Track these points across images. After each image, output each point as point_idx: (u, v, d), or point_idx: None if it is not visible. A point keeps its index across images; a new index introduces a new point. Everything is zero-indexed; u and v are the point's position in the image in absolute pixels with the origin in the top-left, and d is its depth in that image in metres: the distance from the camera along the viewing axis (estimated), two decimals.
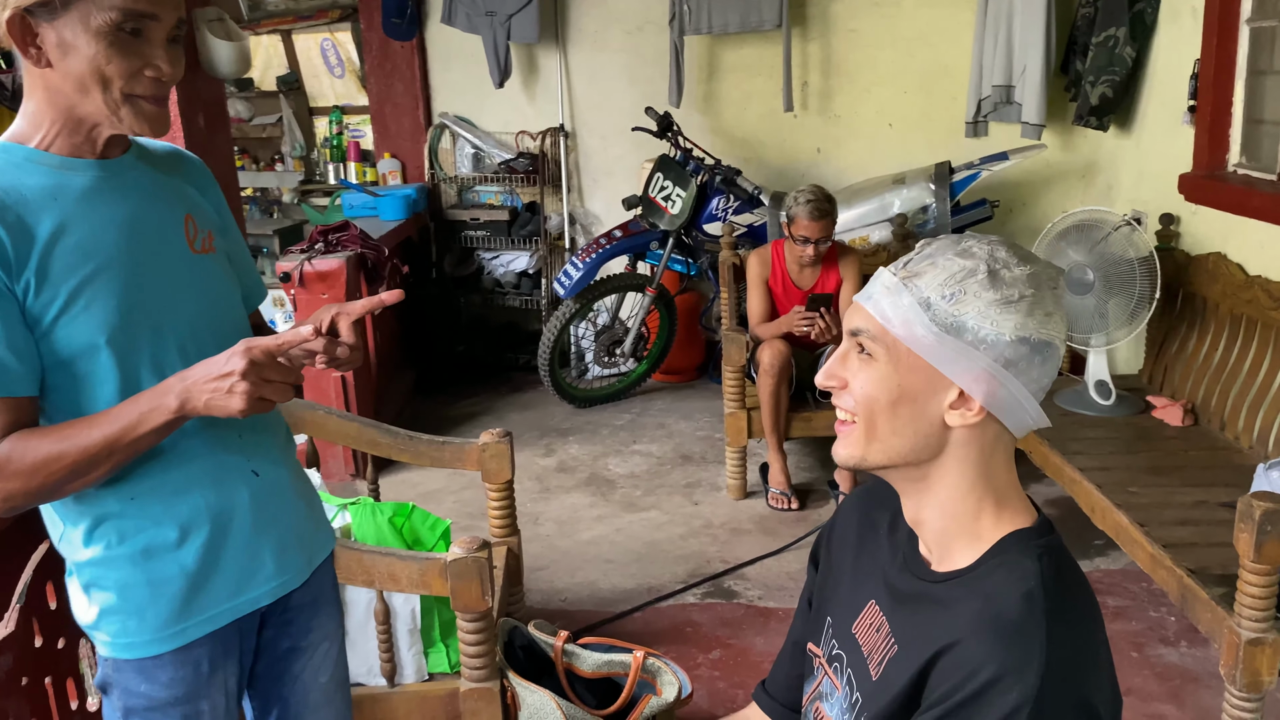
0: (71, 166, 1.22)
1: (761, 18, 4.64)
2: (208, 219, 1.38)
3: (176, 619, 1.31)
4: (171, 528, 1.29)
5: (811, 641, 1.21)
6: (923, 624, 1.00)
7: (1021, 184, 4.83)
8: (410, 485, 3.85)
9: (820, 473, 3.89)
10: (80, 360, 1.21)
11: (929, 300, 0.97)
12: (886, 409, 0.99)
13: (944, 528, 1.02)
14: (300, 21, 5.97)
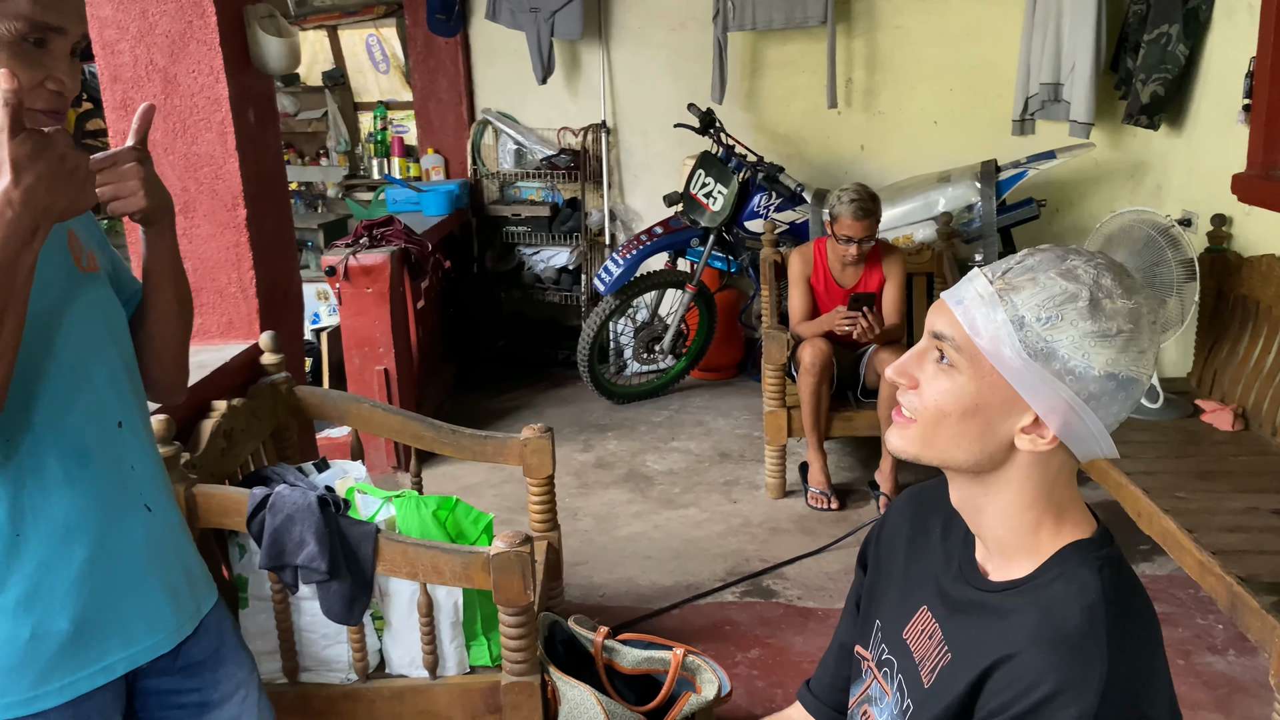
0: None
1: (806, 14, 4.62)
2: (89, 237, 1.32)
3: (67, 670, 1.21)
4: (58, 571, 1.19)
5: (860, 644, 1.20)
6: (978, 633, 0.99)
7: (1068, 183, 4.76)
8: (451, 478, 3.88)
9: (861, 473, 3.87)
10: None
11: (1023, 319, 0.92)
12: (955, 421, 0.97)
13: (1001, 537, 1.01)
14: (346, 17, 6.03)
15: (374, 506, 2.22)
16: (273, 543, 1.98)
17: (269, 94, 2.77)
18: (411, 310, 4.28)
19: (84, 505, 1.22)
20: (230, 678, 1.43)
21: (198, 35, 2.49)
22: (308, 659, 2.16)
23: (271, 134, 2.78)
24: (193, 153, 2.53)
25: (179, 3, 2.47)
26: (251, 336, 2.60)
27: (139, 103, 2.51)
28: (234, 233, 2.57)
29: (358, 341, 3.91)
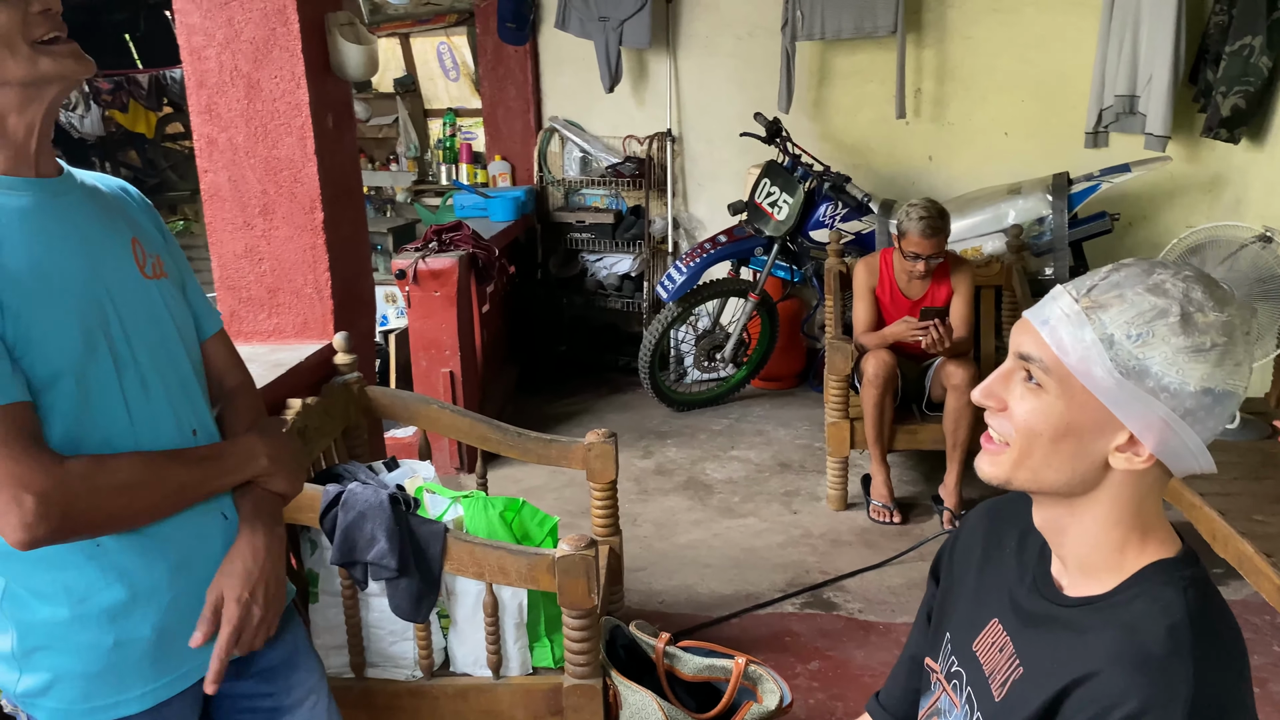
0: (10, 186, 1.15)
1: (876, 23, 4.59)
2: (154, 243, 1.32)
3: (148, 678, 1.23)
4: (143, 581, 1.21)
5: (929, 656, 1.19)
6: (1052, 649, 0.97)
7: (1143, 196, 4.66)
8: (512, 481, 3.91)
9: (924, 487, 3.82)
10: (44, 389, 1.13)
11: (1113, 338, 0.90)
12: (1047, 443, 0.95)
13: (1085, 555, 0.99)
14: (418, 25, 6.14)
15: (442, 506, 2.26)
16: (344, 539, 2.02)
17: (347, 100, 2.83)
18: (477, 314, 4.33)
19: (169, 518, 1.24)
20: (302, 684, 1.45)
21: (281, 42, 2.56)
22: (374, 655, 2.20)
23: (348, 139, 2.84)
24: (273, 156, 2.60)
25: (264, 10, 2.54)
26: (326, 337, 2.66)
27: (224, 107, 2.59)
28: (311, 235, 2.63)
29: (425, 344, 3.98)
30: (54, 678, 1.20)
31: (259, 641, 1.29)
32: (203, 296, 1.42)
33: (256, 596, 1.28)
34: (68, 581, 1.18)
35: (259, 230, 2.64)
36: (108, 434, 1.18)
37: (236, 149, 2.61)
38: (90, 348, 1.16)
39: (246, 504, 1.34)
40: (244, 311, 2.69)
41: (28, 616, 1.18)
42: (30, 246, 1.13)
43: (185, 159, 7.93)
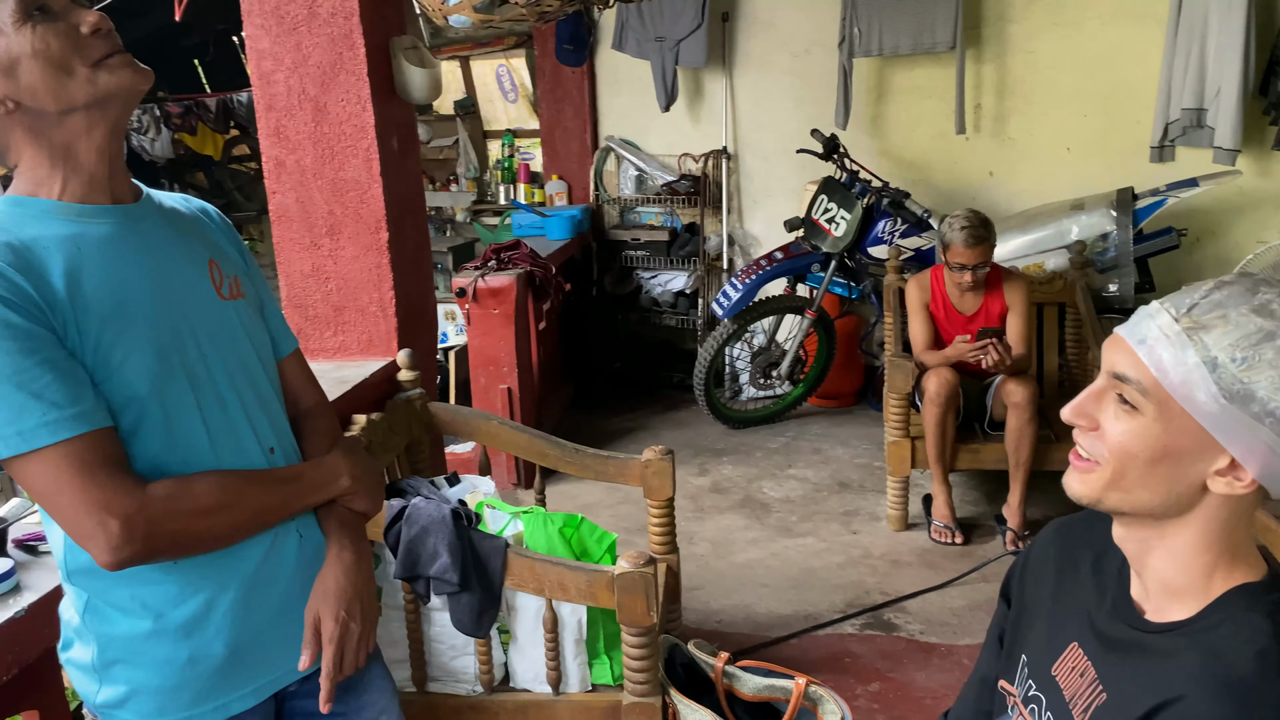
0: (89, 214, 1.18)
1: (935, 39, 4.56)
2: (232, 264, 1.34)
3: (221, 692, 1.25)
4: (218, 597, 1.23)
5: (1004, 679, 1.17)
6: (1136, 674, 0.95)
7: (1211, 211, 4.56)
8: (568, 497, 3.93)
9: (987, 507, 3.76)
10: (125, 413, 1.15)
11: (1216, 360, 0.88)
12: (1143, 465, 0.93)
13: (1171, 578, 0.97)
14: (478, 48, 6.24)
15: (502, 521, 2.28)
16: (408, 553, 2.05)
17: (411, 122, 2.89)
18: (534, 331, 4.37)
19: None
20: (373, 705, 1.45)
21: (347, 66, 2.61)
22: (436, 669, 2.22)
23: (412, 160, 2.90)
24: (340, 178, 2.66)
25: (330, 35, 2.60)
26: (389, 354, 2.71)
27: (292, 130, 2.66)
28: (376, 254, 2.68)
29: (484, 360, 4.02)
30: (131, 690, 1.22)
31: (361, 659, 1.32)
32: (280, 316, 1.45)
33: (354, 614, 1.30)
34: (146, 597, 1.20)
35: (325, 250, 2.70)
36: (187, 455, 1.20)
37: (304, 170, 2.67)
38: (167, 371, 1.18)
39: (331, 523, 1.36)
40: (310, 329, 2.75)
41: (108, 630, 1.21)
42: (109, 273, 1.16)
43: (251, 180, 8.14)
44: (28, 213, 1.15)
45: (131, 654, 1.21)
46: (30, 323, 1.07)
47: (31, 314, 1.08)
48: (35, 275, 1.10)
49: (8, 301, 1.07)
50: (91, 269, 1.14)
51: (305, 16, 2.57)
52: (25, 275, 1.09)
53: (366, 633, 1.32)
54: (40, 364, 1.07)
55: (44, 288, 1.10)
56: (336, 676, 1.28)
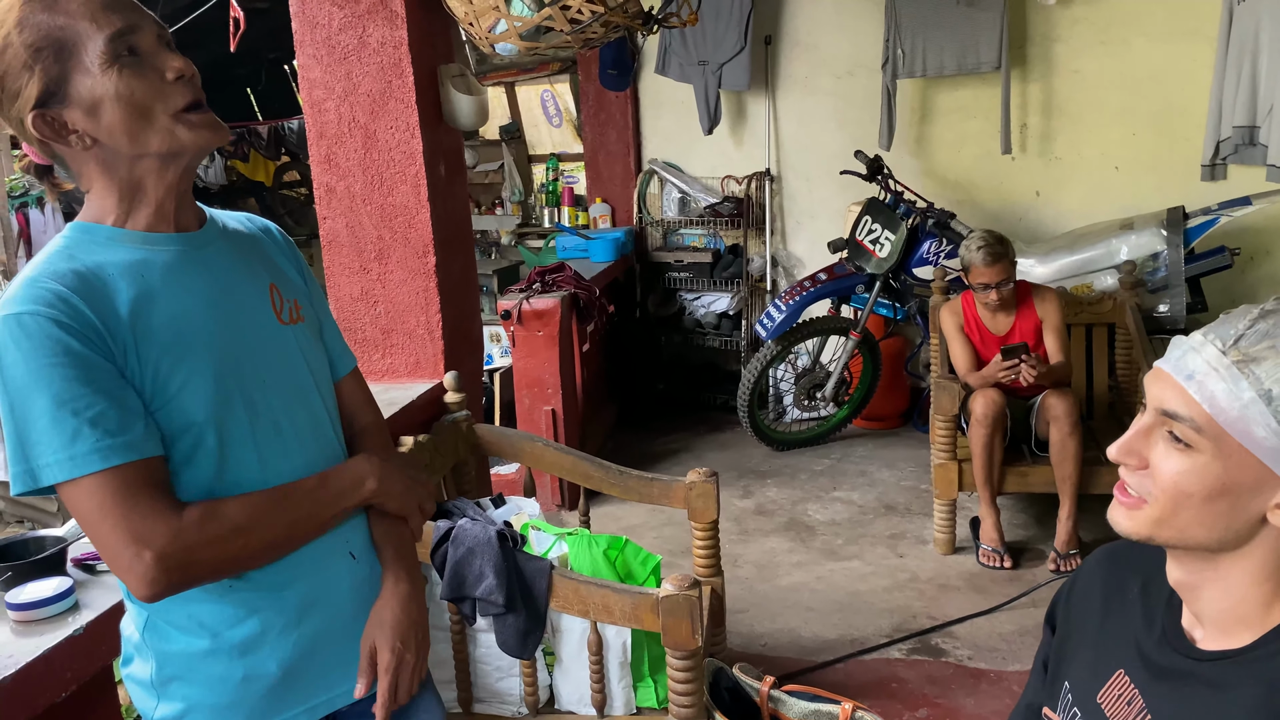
0: (154, 242, 1.19)
1: (980, 59, 4.55)
2: (293, 287, 1.34)
3: (273, 712, 1.26)
4: (273, 618, 1.24)
5: (1048, 707, 1.15)
6: (1187, 705, 0.93)
7: (1265, 230, 4.47)
8: (612, 519, 3.94)
9: (1036, 530, 3.70)
10: (180, 440, 1.17)
11: (1270, 394, 0.85)
12: (1198, 503, 0.90)
13: (1226, 609, 0.95)
14: (523, 74, 6.33)
15: (547, 543, 2.29)
16: (454, 574, 2.07)
17: (458, 148, 2.94)
18: (578, 353, 4.40)
19: (294, 556, 1.25)
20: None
21: (396, 94, 2.67)
22: (481, 690, 2.23)
23: (459, 186, 2.94)
24: (389, 203, 2.71)
25: (380, 64, 2.66)
26: (436, 376, 2.74)
27: (342, 157, 2.72)
28: (424, 278, 2.72)
29: (528, 382, 4.05)
30: (187, 707, 1.24)
31: (414, 687, 1.33)
32: (338, 337, 1.45)
33: (409, 644, 1.32)
34: (203, 616, 1.22)
35: (374, 274, 2.75)
36: (239, 478, 1.21)
37: (354, 197, 2.72)
38: (224, 398, 1.19)
39: (388, 552, 1.37)
40: (359, 352, 2.80)
41: (166, 647, 1.23)
42: (171, 301, 1.18)
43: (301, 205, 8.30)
44: (95, 239, 1.18)
45: (188, 671, 1.23)
46: (89, 350, 1.09)
47: (92, 341, 1.10)
48: (100, 302, 1.12)
49: (69, 329, 1.09)
50: (155, 296, 1.16)
51: (356, 46, 2.63)
52: (90, 302, 1.11)
53: (420, 663, 1.34)
54: (96, 391, 1.09)
55: (108, 314, 1.12)
56: (391, 706, 1.30)
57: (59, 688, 1.45)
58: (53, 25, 1.10)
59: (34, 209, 6.58)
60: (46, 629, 1.49)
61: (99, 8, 1.12)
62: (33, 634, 1.47)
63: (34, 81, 1.12)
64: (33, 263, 1.16)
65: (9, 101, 1.14)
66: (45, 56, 1.11)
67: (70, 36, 1.11)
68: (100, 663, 1.54)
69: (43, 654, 1.43)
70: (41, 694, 1.42)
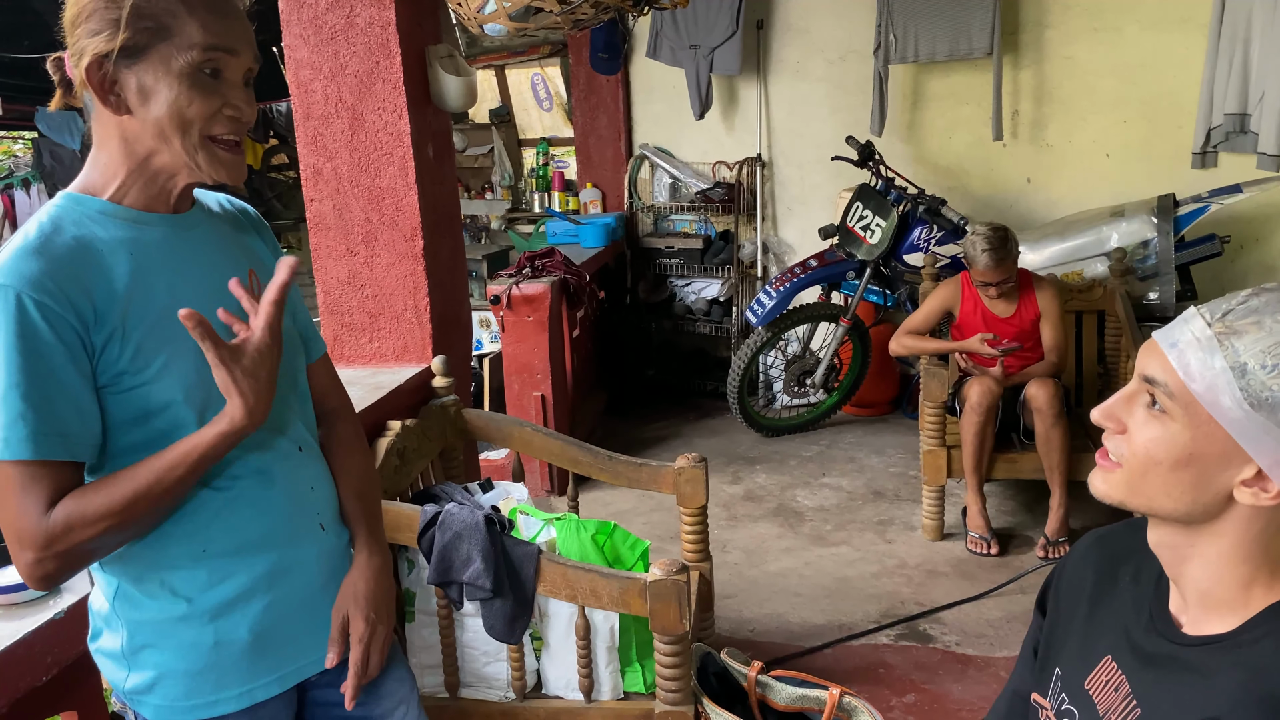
0: (145, 220, 1.20)
1: (972, 45, 4.53)
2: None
3: (244, 678, 1.27)
4: (245, 583, 1.25)
5: (1037, 692, 1.15)
6: (1173, 690, 0.93)
7: (1255, 218, 4.47)
8: (601, 504, 3.93)
9: (1024, 517, 3.71)
10: (157, 418, 1.18)
11: (1245, 367, 0.86)
12: (1165, 470, 0.91)
13: (1207, 591, 0.95)
14: (513, 57, 6.28)
15: (535, 528, 2.28)
16: (441, 559, 2.06)
17: (447, 130, 2.91)
18: (567, 338, 4.38)
19: (266, 524, 1.27)
20: (392, 694, 1.46)
21: (384, 75, 2.64)
22: (468, 675, 2.23)
23: (448, 169, 2.92)
24: (376, 186, 2.68)
25: (367, 44, 2.63)
26: (424, 360, 2.72)
27: (329, 139, 2.69)
28: (412, 262, 2.70)
29: (518, 368, 4.04)
30: (159, 674, 1.24)
31: (382, 659, 1.35)
32: (310, 321, 1.46)
33: (381, 615, 1.35)
34: (175, 583, 1.22)
35: (361, 257, 2.73)
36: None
37: (341, 179, 2.70)
38: (203, 380, 1.17)
39: (360, 526, 1.41)
40: (346, 335, 2.77)
41: (137, 615, 1.23)
42: (161, 281, 1.18)
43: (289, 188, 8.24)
44: (85, 211, 1.17)
45: (159, 638, 1.24)
46: (60, 339, 1.09)
47: (67, 326, 1.10)
48: (92, 277, 1.13)
49: (46, 310, 1.09)
50: (148, 275, 1.18)
51: (343, 26, 2.60)
52: (78, 279, 1.11)
53: (389, 634, 1.38)
54: (52, 380, 1.09)
55: (97, 291, 1.13)
56: (363, 676, 1.33)
57: (40, 671, 1.44)
58: (168, 7, 1.12)
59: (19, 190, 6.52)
60: (26, 612, 1.48)
61: (216, 21, 1.14)
62: (13, 617, 1.46)
63: (116, 37, 1.11)
64: (22, 231, 1.14)
65: (85, 35, 1.13)
66: (141, 26, 1.12)
67: (173, 26, 1.12)
68: (82, 646, 1.52)
69: (23, 637, 1.41)
70: (22, 677, 1.41)
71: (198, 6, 1.13)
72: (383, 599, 1.36)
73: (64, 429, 1.11)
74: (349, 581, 1.35)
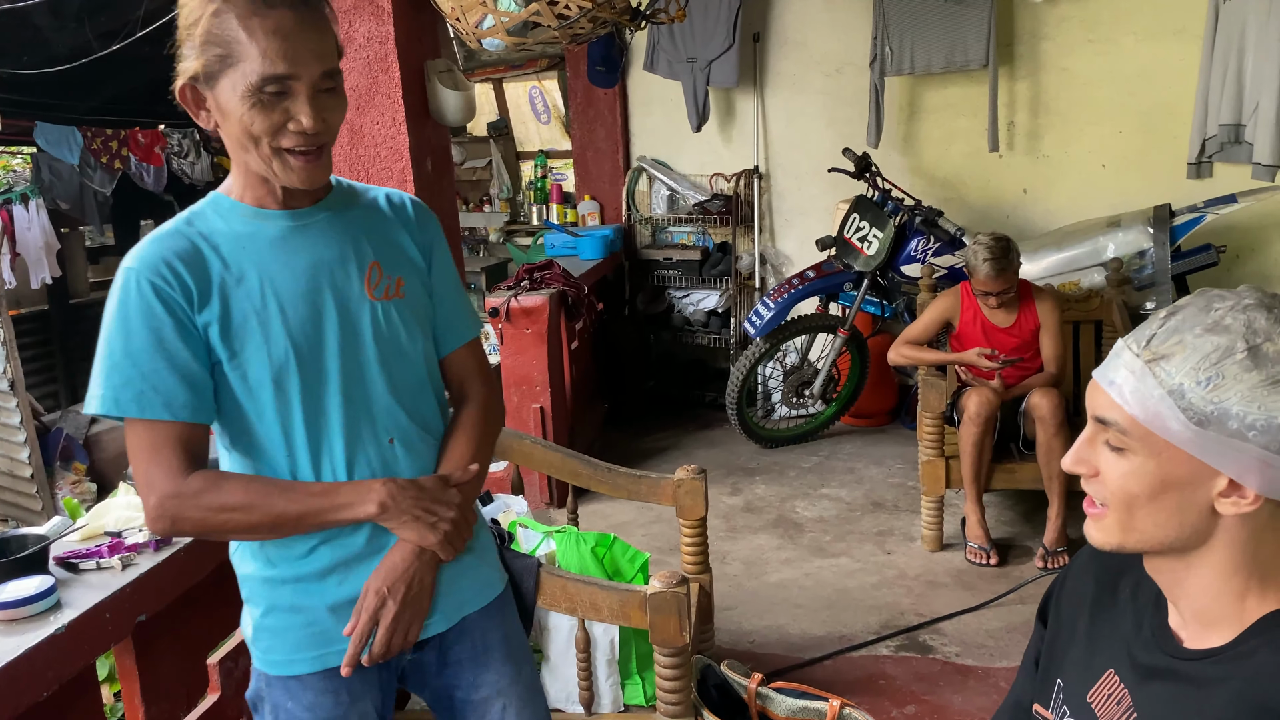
0: (263, 216, 1.34)
1: (968, 57, 4.55)
2: (402, 264, 1.41)
3: (316, 644, 1.37)
4: (327, 563, 1.36)
5: (1039, 704, 1.15)
6: (1172, 703, 0.94)
7: (1251, 228, 4.49)
8: (601, 516, 3.93)
9: (1023, 527, 3.71)
10: (250, 397, 1.31)
11: (1182, 389, 0.87)
12: (1147, 503, 0.92)
13: (1204, 607, 0.95)
14: (511, 71, 6.30)
15: (535, 540, 2.29)
16: None
17: (445, 144, 2.92)
18: (566, 350, 4.39)
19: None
20: (490, 684, 1.49)
21: (382, 89, 2.66)
22: None
23: (446, 182, 2.93)
24: None
25: (366, 59, 2.64)
26: None
27: None
28: None
29: (516, 380, 4.04)
30: (256, 628, 1.40)
31: (398, 640, 1.37)
32: (455, 311, 1.50)
33: (395, 594, 1.36)
34: (270, 550, 1.37)
35: None
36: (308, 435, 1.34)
37: None
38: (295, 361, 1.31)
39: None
40: None
41: (243, 571, 1.41)
42: (264, 271, 1.32)
43: None
44: (218, 209, 1.35)
45: (254, 595, 1.40)
46: (169, 314, 1.27)
47: (176, 305, 1.27)
48: (201, 269, 1.29)
49: (159, 291, 1.27)
50: (252, 266, 1.31)
51: (342, 41, 2.61)
52: (191, 268, 1.29)
53: (409, 618, 1.38)
54: (159, 351, 1.27)
55: (204, 280, 1.29)
56: (360, 645, 1.35)
57: (41, 687, 1.44)
58: (234, 34, 1.22)
59: (18, 205, 6.54)
60: (28, 628, 1.48)
61: (276, 48, 1.22)
62: (14, 633, 1.46)
63: (196, 60, 1.24)
64: (167, 222, 1.34)
65: (180, 60, 1.27)
66: (213, 52, 1.23)
67: (238, 53, 1.22)
68: (82, 661, 1.53)
69: (24, 653, 1.42)
70: (23, 693, 1.41)
71: (258, 33, 1.21)
72: (403, 578, 1.36)
73: (169, 392, 1.27)
74: (386, 556, 1.38)
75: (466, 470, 1.41)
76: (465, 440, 1.46)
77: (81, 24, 5.46)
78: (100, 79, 6.08)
